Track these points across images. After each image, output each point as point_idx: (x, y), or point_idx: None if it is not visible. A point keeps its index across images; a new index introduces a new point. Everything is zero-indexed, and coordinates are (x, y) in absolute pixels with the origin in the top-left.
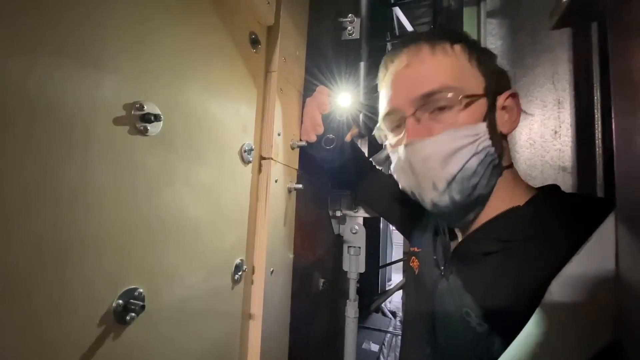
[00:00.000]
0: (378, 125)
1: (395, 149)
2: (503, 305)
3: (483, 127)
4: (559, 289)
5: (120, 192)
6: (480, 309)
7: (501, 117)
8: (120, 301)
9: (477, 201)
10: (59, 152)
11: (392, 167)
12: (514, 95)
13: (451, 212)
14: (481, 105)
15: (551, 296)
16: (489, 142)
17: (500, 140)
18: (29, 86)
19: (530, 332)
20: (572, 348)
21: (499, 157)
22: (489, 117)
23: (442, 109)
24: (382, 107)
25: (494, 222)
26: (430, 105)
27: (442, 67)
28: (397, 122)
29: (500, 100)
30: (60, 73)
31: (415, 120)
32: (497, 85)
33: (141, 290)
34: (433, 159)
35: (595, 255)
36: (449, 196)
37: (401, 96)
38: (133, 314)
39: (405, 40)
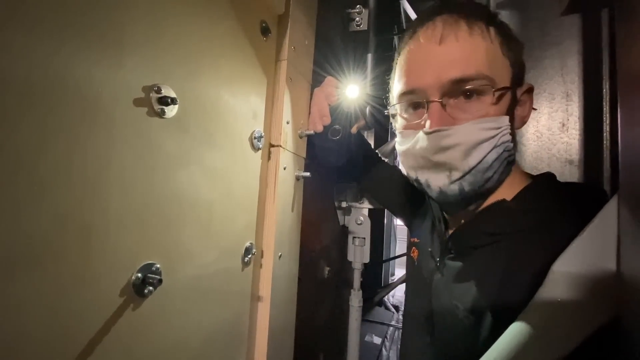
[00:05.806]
0: (392, 104)
1: (410, 133)
2: (488, 299)
3: (506, 120)
4: (561, 271)
5: (139, 171)
6: (466, 302)
7: (516, 112)
8: (139, 274)
9: (483, 194)
10: (85, 130)
11: (400, 149)
12: (530, 90)
13: (457, 201)
14: (507, 97)
15: (553, 276)
16: (509, 137)
17: (515, 136)
18: (56, 66)
19: (527, 315)
20: (570, 331)
21: (513, 154)
22: (511, 110)
23: (470, 96)
24: (400, 82)
25: (481, 216)
26: (458, 91)
27: (479, 52)
28: (415, 104)
29: (518, 93)
30: (85, 53)
31: (441, 107)
32: (518, 77)
33: (158, 265)
34: (456, 149)
35: (598, 238)
36: (459, 186)
37: (428, 77)
38: (151, 288)
39: (439, 7)
